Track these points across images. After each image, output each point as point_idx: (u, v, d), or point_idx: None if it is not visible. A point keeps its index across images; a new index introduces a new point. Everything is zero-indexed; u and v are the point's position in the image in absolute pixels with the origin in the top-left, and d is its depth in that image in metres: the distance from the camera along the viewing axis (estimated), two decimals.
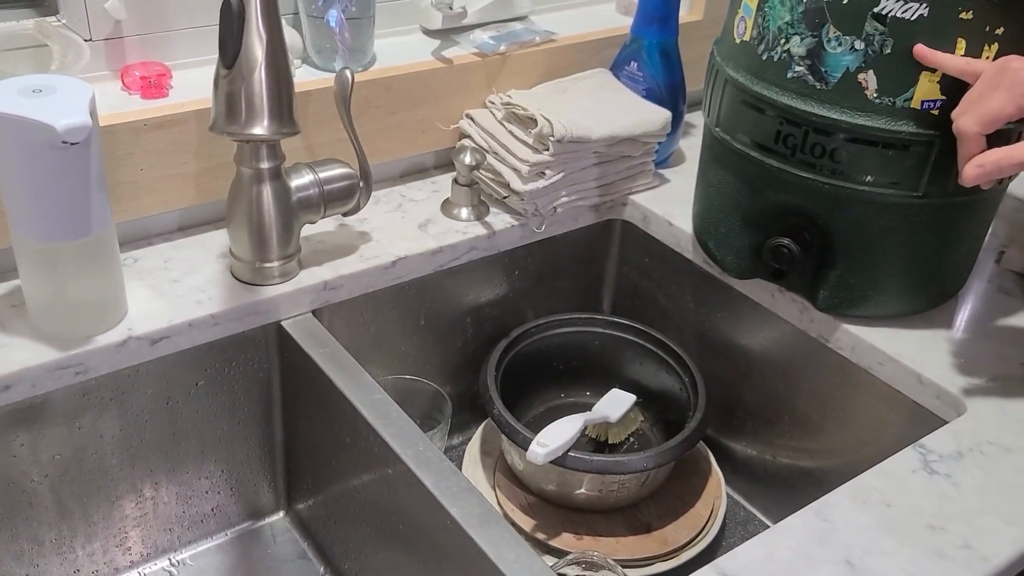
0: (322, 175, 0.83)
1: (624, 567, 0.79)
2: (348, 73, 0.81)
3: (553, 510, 0.89)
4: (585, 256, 1.06)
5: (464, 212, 0.95)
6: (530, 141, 0.92)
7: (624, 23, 1.08)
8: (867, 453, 0.83)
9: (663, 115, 0.98)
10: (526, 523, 0.88)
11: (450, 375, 1.01)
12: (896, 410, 0.81)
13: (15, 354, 0.73)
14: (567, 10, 1.14)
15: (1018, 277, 0.91)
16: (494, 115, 0.98)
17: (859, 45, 0.71)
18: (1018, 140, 0.72)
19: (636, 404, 0.95)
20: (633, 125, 0.96)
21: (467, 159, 0.92)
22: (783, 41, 0.75)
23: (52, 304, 0.74)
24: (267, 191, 0.79)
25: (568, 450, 0.82)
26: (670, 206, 1.00)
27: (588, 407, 0.93)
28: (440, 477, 0.69)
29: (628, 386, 0.97)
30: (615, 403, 0.94)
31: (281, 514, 0.96)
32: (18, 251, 0.72)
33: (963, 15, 0.68)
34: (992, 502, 0.67)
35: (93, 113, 0.67)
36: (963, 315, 0.86)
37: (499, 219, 0.96)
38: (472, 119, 0.99)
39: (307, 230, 0.87)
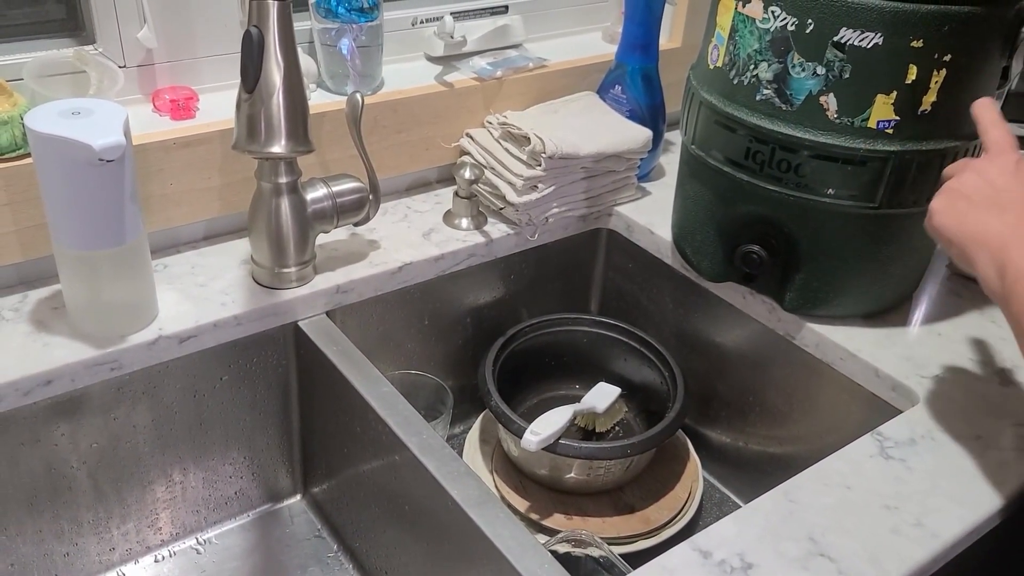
0: (335, 189, 0.83)
1: (610, 544, 0.79)
2: (358, 96, 0.81)
3: (545, 492, 0.89)
4: (574, 262, 1.06)
5: (464, 222, 0.95)
6: (524, 157, 0.93)
7: (609, 50, 1.08)
8: (830, 440, 0.83)
9: (645, 134, 0.99)
10: (520, 504, 0.88)
11: (451, 370, 1.01)
12: (856, 401, 0.81)
13: (56, 352, 0.73)
14: (557, 39, 1.15)
15: (966, 280, 0.91)
16: (491, 134, 0.98)
17: (820, 71, 0.71)
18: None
19: (621, 396, 0.95)
20: (618, 143, 0.96)
21: (467, 174, 0.92)
22: (752, 67, 0.75)
23: (89, 306, 0.74)
24: (285, 203, 0.80)
25: (559, 438, 0.82)
26: (651, 216, 1.01)
27: (577, 399, 0.93)
28: (442, 463, 0.69)
29: (613, 380, 0.97)
30: (602, 395, 0.94)
31: (298, 497, 0.97)
32: (59, 258, 0.73)
33: (914, 43, 0.69)
34: (942, 484, 0.67)
35: (127, 133, 0.67)
36: (917, 315, 0.86)
37: (496, 228, 0.96)
38: (471, 137, 0.99)
39: (321, 238, 0.87)
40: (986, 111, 0.69)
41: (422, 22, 1.02)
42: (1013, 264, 0.57)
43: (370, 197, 0.86)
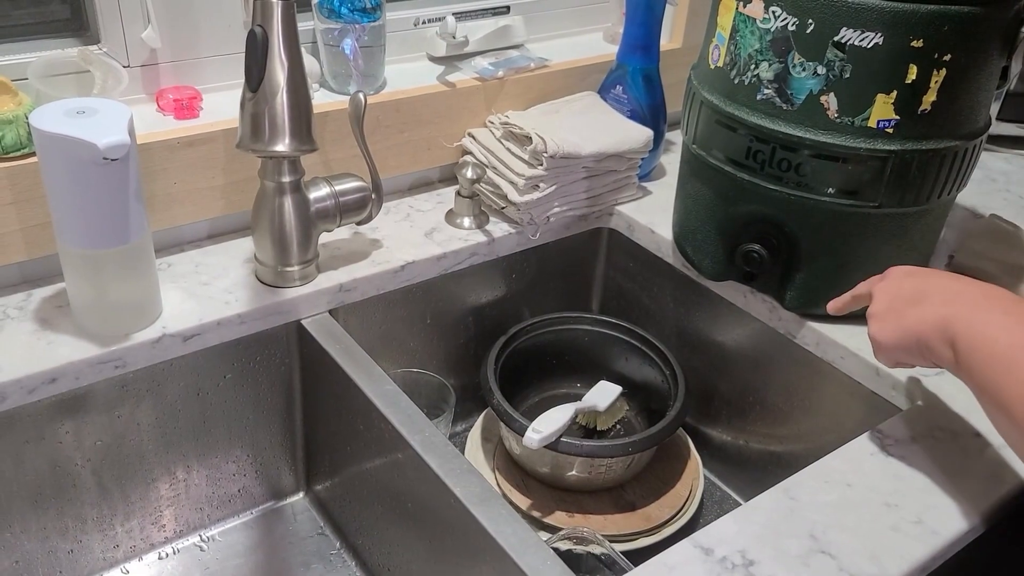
0: (338, 188, 0.83)
1: (611, 542, 0.80)
2: (361, 96, 0.81)
3: (547, 490, 0.89)
4: (575, 261, 1.06)
5: (466, 221, 0.95)
6: (526, 157, 0.93)
7: (610, 51, 1.08)
8: (830, 438, 0.83)
9: (646, 133, 0.99)
10: (522, 502, 0.88)
11: (454, 368, 1.01)
12: (856, 399, 0.81)
13: (61, 350, 0.73)
14: (559, 39, 1.15)
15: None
16: (493, 134, 0.98)
17: (821, 70, 0.71)
18: None
19: (622, 394, 0.95)
20: (618, 142, 0.96)
21: (469, 173, 0.92)
22: (753, 67, 0.75)
23: (94, 305, 0.74)
24: (288, 202, 0.80)
25: (560, 436, 0.82)
26: (652, 215, 1.01)
27: (578, 397, 0.93)
28: (445, 460, 0.70)
29: (615, 378, 0.97)
30: (603, 393, 0.94)
31: (301, 495, 0.97)
32: (63, 257, 0.73)
33: (914, 43, 0.69)
34: (941, 482, 0.67)
35: (131, 132, 0.67)
36: None
37: (498, 227, 0.96)
38: (473, 137, 0.99)
39: (324, 238, 0.88)
40: (842, 304, 0.75)
41: (424, 22, 1.02)
42: (960, 337, 0.59)
43: (373, 196, 0.86)
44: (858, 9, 0.68)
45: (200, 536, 0.90)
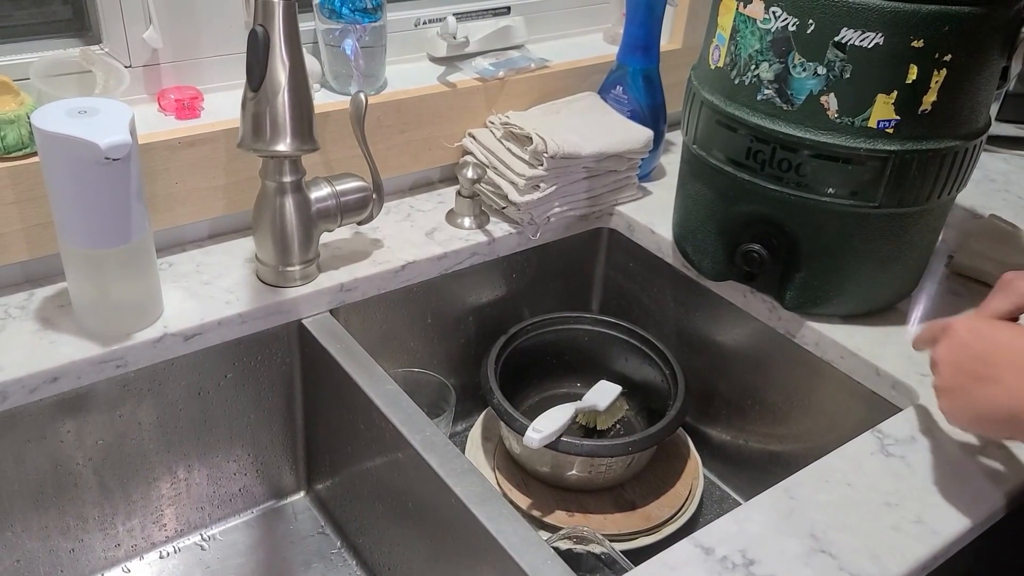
0: (339, 188, 0.83)
1: (611, 541, 0.79)
2: (362, 96, 0.81)
3: (547, 490, 0.89)
4: (576, 261, 1.06)
5: (467, 221, 0.95)
6: (526, 157, 0.93)
7: (610, 51, 1.08)
8: (830, 438, 0.83)
9: (646, 134, 0.98)
10: (523, 501, 0.88)
11: (454, 368, 1.01)
12: (856, 399, 0.81)
13: (62, 349, 0.73)
14: (559, 40, 1.14)
15: (965, 279, 0.91)
16: (493, 134, 0.98)
17: (821, 71, 0.71)
18: None
19: (622, 394, 0.95)
20: (619, 143, 0.96)
21: (469, 173, 0.92)
22: (753, 67, 0.75)
23: (95, 304, 0.74)
24: (289, 202, 0.80)
25: (561, 435, 0.82)
26: (652, 216, 1.01)
27: (579, 397, 0.93)
28: (445, 460, 0.69)
29: (614, 378, 0.96)
30: (603, 393, 0.94)
31: (302, 494, 0.96)
32: (65, 257, 0.72)
33: (915, 43, 0.69)
34: (942, 481, 0.67)
35: (133, 132, 0.67)
36: (916, 313, 0.86)
37: (498, 227, 0.96)
38: (474, 137, 0.99)
39: (325, 237, 0.87)
40: (919, 343, 0.70)
41: (425, 23, 1.02)
42: None
43: (373, 196, 0.85)
44: (858, 9, 0.68)
45: (201, 535, 0.90)
